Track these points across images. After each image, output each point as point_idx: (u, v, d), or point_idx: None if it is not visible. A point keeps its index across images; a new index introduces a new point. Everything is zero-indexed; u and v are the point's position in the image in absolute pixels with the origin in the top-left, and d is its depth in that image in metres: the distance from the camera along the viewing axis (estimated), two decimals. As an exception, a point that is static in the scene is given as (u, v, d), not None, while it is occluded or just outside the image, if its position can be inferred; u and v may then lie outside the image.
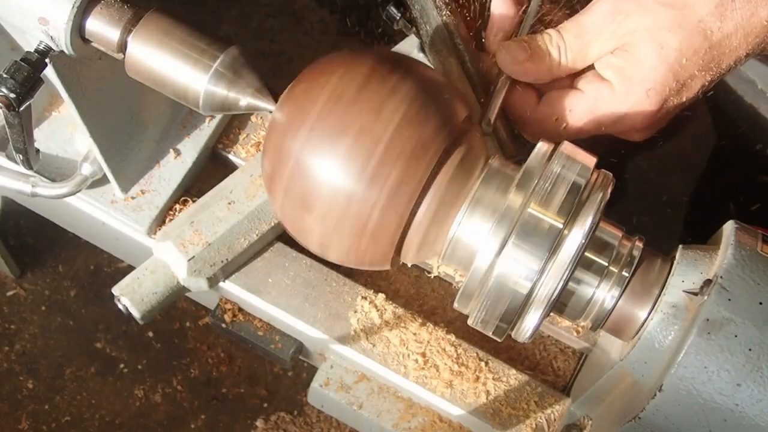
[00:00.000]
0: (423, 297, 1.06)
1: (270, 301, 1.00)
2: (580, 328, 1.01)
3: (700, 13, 0.78)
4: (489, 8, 0.86)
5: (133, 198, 1.02)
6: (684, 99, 0.82)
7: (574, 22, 0.82)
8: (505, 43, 0.83)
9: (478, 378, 0.98)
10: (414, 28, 0.87)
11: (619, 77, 0.81)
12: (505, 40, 0.85)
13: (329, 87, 0.69)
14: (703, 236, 0.82)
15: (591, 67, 0.83)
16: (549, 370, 1.03)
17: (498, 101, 0.83)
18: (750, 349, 0.69)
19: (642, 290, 0.74)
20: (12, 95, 0.77)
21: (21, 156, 0.87)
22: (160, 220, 1.03)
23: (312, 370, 1.05)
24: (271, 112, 0.74)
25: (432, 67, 0.86)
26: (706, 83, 0.82)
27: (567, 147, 0.71)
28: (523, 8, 0.86)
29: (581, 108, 0.82)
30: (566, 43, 0.82)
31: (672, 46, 0.78)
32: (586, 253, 0.72)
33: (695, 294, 0.71)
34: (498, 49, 0.83)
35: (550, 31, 0.82)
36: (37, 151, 0.90)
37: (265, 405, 1.82)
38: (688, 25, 0.78)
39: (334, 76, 0.70)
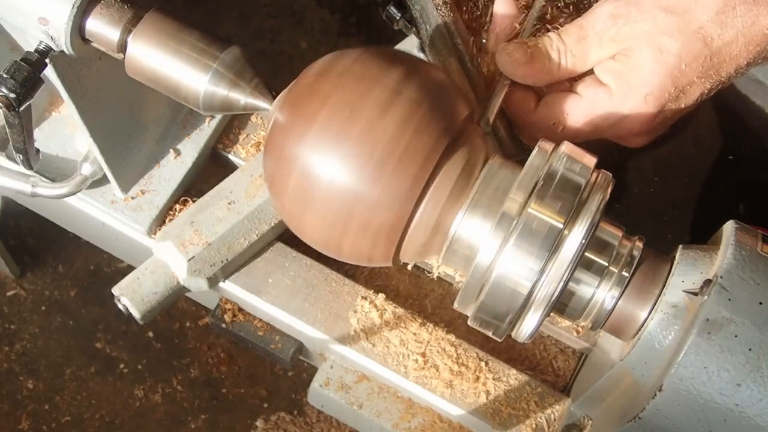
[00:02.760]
0: (423, 297, 1.06)
1: (270, 301, 1.00)
2: (580, 328, 1.01)
3: (700, 19, 0.78)
4: (491, 8, 0.86)
5: (133, 198, 1.02)
6: (682, 105, 0.82)
7: (575, 25, 0.82)
8: (504, 45, 0.83)
9: (478, 378, 0.98)
10: (414, 28, 0.86)
11: (617, 82, 0.81)
12: (507, 41, 0.85)
13: (331, 86, 0.69)
14: (705, 237, 0.82)
15: (590, 71, 0.83)
16: (549, 370, 1.03)
17: (497, 101, 0.83)
18: (750, 349, 0.69)
19: (642, 290, 0.74)
20: (12, 95, 0.77)
21: (21, 156, 0.87)
22: (160, 220, 1.03)
23: (312, 370, 1.05)
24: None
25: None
26: (705, 91, 0.81)
27: (567, 147, 0.71)
28: (526, 10, 0.86)
29: (579, 112, 0.82)
30: (567, 47, 0.81)
31: (672, 52, 0.78)
32: (586, 253, 0.71)
33: (695, 294, 0.71)
34: (498, 50, 0.83)
35: (551, 34, 0.82)
36: (37, 151, 0.90)
37: (265, 405, 1.82)
38: (688, 31, 0.78)
39: (336, 76, 0.70)
